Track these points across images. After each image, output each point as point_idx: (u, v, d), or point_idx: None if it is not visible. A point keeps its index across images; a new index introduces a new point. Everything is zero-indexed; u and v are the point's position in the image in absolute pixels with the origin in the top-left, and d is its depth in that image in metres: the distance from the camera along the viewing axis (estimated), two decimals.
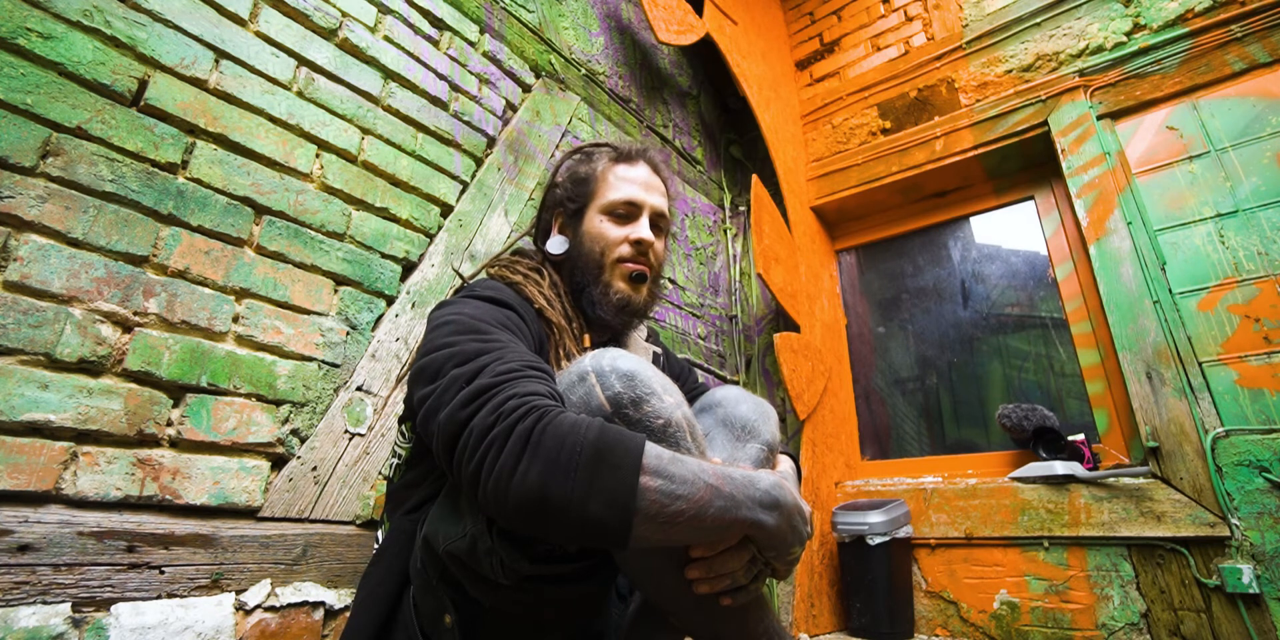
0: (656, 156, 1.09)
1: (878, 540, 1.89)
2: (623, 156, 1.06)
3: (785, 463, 0.90)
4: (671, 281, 2.23)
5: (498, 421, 0.61)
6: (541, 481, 0.57)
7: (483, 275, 1.05)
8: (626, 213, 1.02)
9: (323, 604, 1.04)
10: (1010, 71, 2.32)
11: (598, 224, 1.02)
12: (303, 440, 1.09)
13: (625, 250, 1.01)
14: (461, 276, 1.40)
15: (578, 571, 0.69)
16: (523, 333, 0.84)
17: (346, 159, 1.28)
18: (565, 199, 1.06)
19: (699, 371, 2.21)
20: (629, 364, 0.70)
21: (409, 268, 1.35)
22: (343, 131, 1.28)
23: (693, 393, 1.08)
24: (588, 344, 0.98)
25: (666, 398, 0.70)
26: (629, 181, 1.04)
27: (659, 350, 1.21)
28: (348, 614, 1.03)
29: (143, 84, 1.01)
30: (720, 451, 0.84)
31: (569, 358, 0.91)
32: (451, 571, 0.72)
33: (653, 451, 0.61)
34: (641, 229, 1.02)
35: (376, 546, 0.90)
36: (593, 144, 1.12)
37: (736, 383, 2.49)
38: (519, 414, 0.61)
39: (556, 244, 1.05)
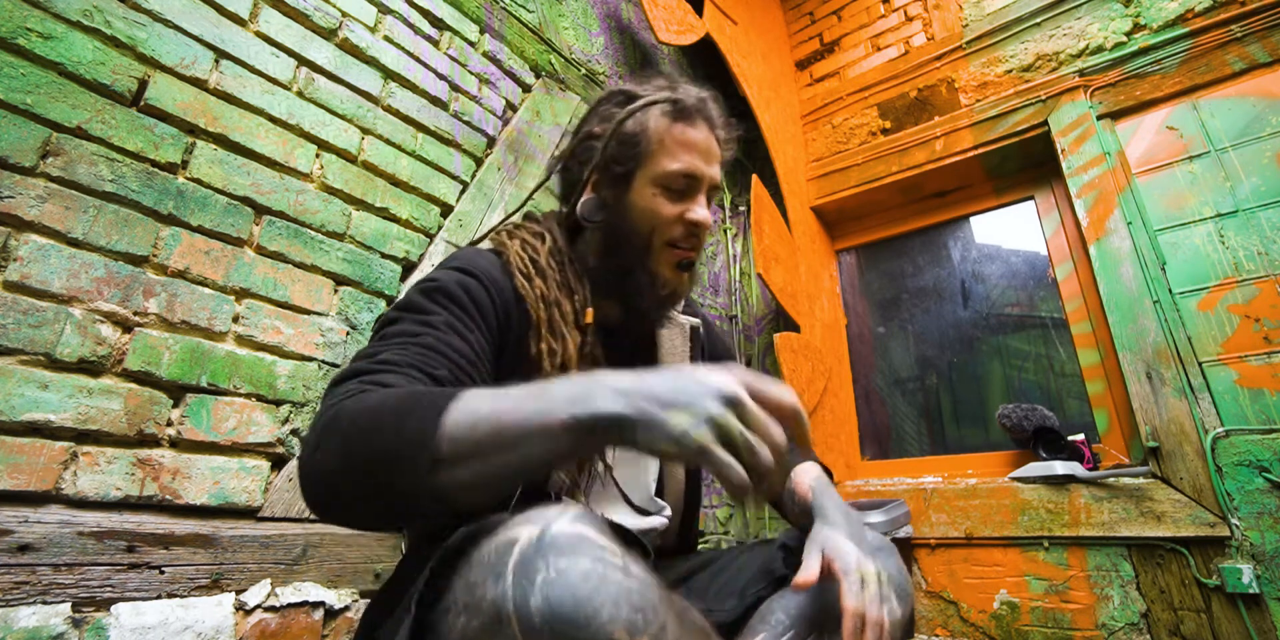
0: (714, 111, 0.90)
1: None
2: (681, 114, 0.87)
3: (814, 469, 0.88)
4: None
5: (324, 412, 0.58)
6: (326, 460, 0.54)
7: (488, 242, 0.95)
8: (684, 187, 0.86)
9: (323, 604, 1.04)
10: (1010, 71, 2.32)
11: (649, 197, 0.85)
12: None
13: (678, 232, 0.86)
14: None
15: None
16: (481, 311, 0.76)
17: (346, 159, 1.28)
18: (610, 159, 0.87)
19: None
20: (569, 590, 0.41)
21: (409, 268, 1.35)
22: (343, 131, 1.28)
23: None
24: (589, 321, 0.85)
25: None
26: (688, 148, 0.86)
27: (696, 322, 1.01)
28: (360, 610, 1.03)
29: (143, 84, 1.01)
30: None
31: (559, 338, 0.81)
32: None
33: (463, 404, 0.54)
34: (699, 209, 0.86)
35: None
36: (640, 82, 0.91)
37: None
38: (330, 402, 0.58)
39: (592, 208, 0.89)
